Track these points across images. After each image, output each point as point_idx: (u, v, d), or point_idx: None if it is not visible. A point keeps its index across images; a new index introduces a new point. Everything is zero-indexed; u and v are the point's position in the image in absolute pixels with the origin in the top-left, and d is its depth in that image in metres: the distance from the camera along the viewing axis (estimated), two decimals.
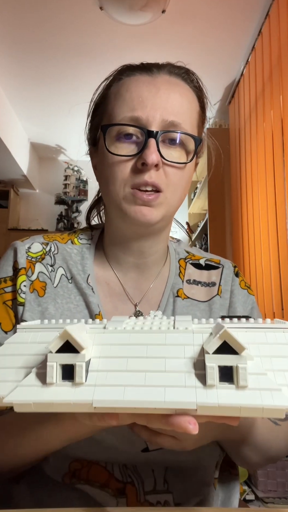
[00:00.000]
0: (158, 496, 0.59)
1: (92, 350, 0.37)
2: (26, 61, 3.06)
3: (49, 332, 0.40)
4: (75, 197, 4.72)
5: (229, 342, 0.33)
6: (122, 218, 0.63)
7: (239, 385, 0.33)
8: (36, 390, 0.34)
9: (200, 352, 0.36)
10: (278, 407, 0.31)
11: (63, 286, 0.66)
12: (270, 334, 0.38)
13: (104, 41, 2.76)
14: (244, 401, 0.32)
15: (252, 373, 0.33)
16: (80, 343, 0.34)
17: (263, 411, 0.32)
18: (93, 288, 0.66)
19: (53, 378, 0.34)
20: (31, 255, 0.67)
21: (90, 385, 0.34)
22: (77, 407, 0.33)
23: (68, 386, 0.34)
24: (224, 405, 0.32)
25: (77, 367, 0.34)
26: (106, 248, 0.71)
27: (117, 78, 0.66)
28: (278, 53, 2.25)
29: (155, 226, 0.63)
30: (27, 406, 0.34)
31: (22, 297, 0.64)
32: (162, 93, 0.61)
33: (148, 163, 0.58)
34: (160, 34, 2.65)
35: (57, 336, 0.34)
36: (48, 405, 0.34)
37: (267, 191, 2.38)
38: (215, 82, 3.18)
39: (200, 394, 0.33)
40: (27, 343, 0.39)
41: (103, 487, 0.58)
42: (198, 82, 0.67)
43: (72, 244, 0.71)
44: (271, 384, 0.33)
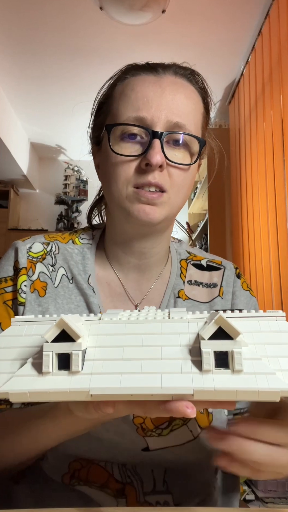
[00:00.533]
0: (158, 496, 0.59)
1: (88, 340, 0.37)
2: (26, 61, 3.06)
3: (43, 324, 0.40)
4: (75, 197, 4.72)
5: (224, 327, 0.34)
6: (125, 217, 0.63)
7: (235, 369, 0.33)
8: (32, 379, 0.35)
9: (196, 340, 0.36)
10: (273, 390, 0.32)
11: (64, 286, 0.66)
12: (263, 323, 0.38)
13: (104, 41, 2.76)
14: (239, 385, 0.33)
15: (247, 358, 0.34)
16: (76, 331, 0.34)
17: (259, 394, 0.32)
18: (94, 288, 0.66)
19: (49, 367, 0.34)
20: (32, 255, 0.67)
21: (86, 373, 0.34)
22: (73, 395, 0.34)
23: (65, 375, 0.35)
24: (220, 389, 0.32)
25: (73, 355, 0.34)
26: (107, 248, 0.71)
27: (122, 78, 0.65)
28: (278, 53, 2.25)
29: (157, 226, 0.62)
30: (23, 395, 0.34)
31: (22, 297, 0.64)
32: (168, 93, 0.61)
33: (152, 164, 0.58)
34: (160, 34, 2.65)
35: (53, 325, 0.35)
36: (44, 394, 0.34)
37: (267, 191, 2.38)
38: (215, 82, 3.17)
39: (196, 379, 0.33)
40: (21, 336, 0.39)
41: (102, 487, 0.58)
42: (203, 84, 0.67)
43: (73, 244, 0.71)
44: (266, 368, 0.34)
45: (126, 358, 0.35)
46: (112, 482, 0.58)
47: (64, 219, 4.74)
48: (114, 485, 0.58)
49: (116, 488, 0.58)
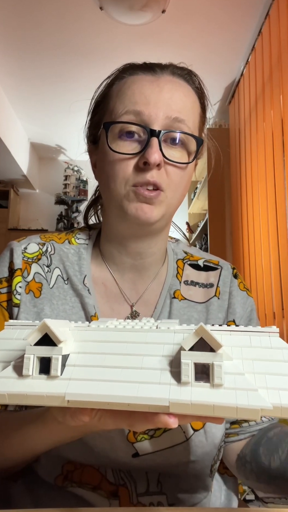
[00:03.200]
0: (151, 498, 0.58)
1: (72, 346, 0.37)
2: (26, 61, 3.06)
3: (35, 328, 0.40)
4: (75, 197, 4.72)
5: (206, 338, 0.33)
6: (122, 216, 0.62)
7: (214, 383, 0.32)
8: (12, 382, 0.35)
9: (179, 351, 0.35)
10: (253, 408, 0.31)
11: (59, 287, 0.66)
12: (254, 338, 0.37)
13: (104, 41, 2.76)
14: (217, 399, 0.31)
15: (229, 373, 0.33)
16: (58, 336, 0.34)
17: (237, 411, 0.31)
18: (89, 289, 0.65)
19: (29, 370, 0.35)
20: (27, 255, 0.67)
21: (65, 378, 0.34)
22: (50, 400, 0.34)
23: (43, 379, 0.35)
24: (197, 402, 0.31)
25: (53, 359, 0.34)
26: (103, 248, 0.70)
27: (119, 77, 0.65)
28: (278, 53, 2.25)
29: (154, 225, 0.62)
30: (2, 397, 0.34)
31: (17, 298, 0.64)
32: (166, 92, 0.61)
33: (150, 163, 0.57)
34: (160, 34, 2.65)
35: (36, 329, 0.35)
36: (22, 397, 0.34)
37: (267, 191, 2.38)
38: (215, 82, 3.17)
39: (173, 391, 0.32)
40: (12, 339, 0.40)
41: (95, 489, 0.58)
42: (200, 84, 0.67)
43: (69, 244, 0.70)
44: (248, 384, 0.32)
45: (107, 365, 0.35)
46: (105, 484, 0.58)
47: (64, 219, 4.74)
48: (107, 486, 0.58)
49: (110, 489, 0.58)
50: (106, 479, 0.58)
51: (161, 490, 0.59)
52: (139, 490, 0.58)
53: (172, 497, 0.59)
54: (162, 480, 0.59)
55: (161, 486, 0.59)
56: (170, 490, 0.59)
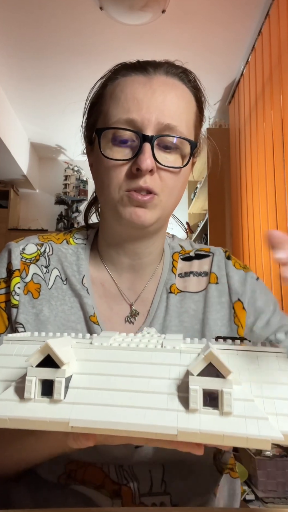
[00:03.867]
0: (154, 498, 0.58)
1: (75, 366, 0.36)
2: (26, 61, 3.06)
3: (35, 345, 0.39)
4: (75, 197, 4.72)
5: (215, 364, 0.31)
6: (117, 220, 0.62)
7: (223, 411, 0.31)
8: (13, 405, 0.33)
9: (186, 374, 0.34)
10: (263, 438, 0.30)
11: (57, 288, 0.66)
12: (262, 359, 0.36)
13: (104, 41, 2.76)
14: (227, 429, 0.30)
15: (239, 399, 0.32)
16: (61, 357, 0.33)
17: (248, 441, 0.30)
18: (88, 289, 0.66)
19: (31, 393, 0.33)
20: (26, 256, 0.67)
21: (68, 402, 0.33)
22: (53, 425, 0.32)
23: (46, 402, 0.33)
24: (206, 432, 0.30)
25: (56, 383, 0.33)
26: (100, 248, 0.71)
27: (112, 78, 0.65)
28: (278, 53, 2.25)
29: (149, 228, 0.62)
30: (3, 421, 0.33)
31: (16, 299, 0.64)
32: (158, 95, 0.60)
33: (142, 169, 0.57)
34: (160, 34, 2.65)
35: (38, 350, 0.33)
36: (24, 422, 0.33)
37: (267, 191, 2.38)
38: (215, 82, 3.17)
39: (181, 418, 0.31)
40: (11, 356, 0.38)
41: (98, 488, 0.58)
42: (196, 82, 0.66)
43: (68, 244, 0.70)
44: (257, 412, 0.31)
45: (112, 388, 0.34)
46: (108, 483, 0.58)
47: (64, 219, 4.74)
48: (110, 486, 0.58)
49: (112, 489, 0.58)
50: (109, 478, 0.58)
51: (165, 490, 0.59)
52: (142, 490, 0.58)
53: (176, 497, 0.59)
54: (166, 479, 0.59)
55: (165, 485, 0.59)
56: (174, 490, 0.59)
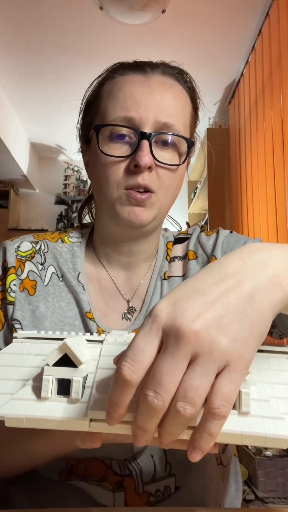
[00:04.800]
0: (157, 484, 0.58)
1: (90, 365, 0.35)
2: (26, 61, 3.06)
3: (45, 343, 0.39)
4: (75, 197, 4.72)
5: None
6: (114, 219, 0.63)
7: (241, 411, 0.31)
8: (30, 404, 0.33)
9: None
10: (281, 437, 0.30)
11: (54, 285, 0.66)
12: (273, 359, 0.36)
13: (104, 41, 2.76)
14: (245, 428, 0.30)
15: (255, 399, 0.32)
16: (79, 357, 0.33)
17: (265, 440, 0.30)
18: (84, 285, 0.66)
19: (48, 392, 0.33)
20: (21, 254, 0.68)
21: (86, 402, 0.33)
22: (71, 424, 0.32)
23: (64, 401, 0.33)
24: (225, 431, 0.30)
25: (74, 382, 0.33)
26: (96, 246, 0.71)
27: (110, 77, 0.66)
28: (278, 53, 2.25)
29: (146, 227, 0.63)
30: (19, 421, 0.32)
31: (12, 296, 0.64)
32: (156, 94, 0.61)
33: (141, 165, 0.58)
34: (160, 34, 2.65)
35: (56, 349, 0.33)
36: (41, 421, 0.32)
37: (267, 191, 2.38)
38: (215, 82, 3.17)
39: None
40: (22, 354, 0.38)
41: (100, 481, 0.58)
42: (191, 83, 0.68)
43: (63, 243, 0.71)
44: (274, 412, 0.31)
45: None
46: (111, 475, 0.58)
47: (64, 219, 4.74)
48: (113, 478, 0.58)
49: (115, 481, 0.58)
50: (112, 470, 0.58)
51: (170, 472, 0.58)
52: (145, 478, 0.58)
53: (181, 478, 0.59)
54: (170, 461, 0.59)
55: (170, 467, 0.59)
56: (180, 470, 0.59)
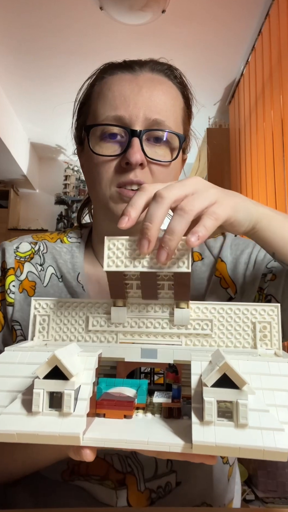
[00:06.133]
0: (159, 480, 0.58)
1: (83, 375, 0.34)
2: (26, 61, 3.06)
3: (38, 352, 0.38)
4: (75, 197, 4.72)
5: (230, 375, 0.31)
6: (110, 217, 0.63)
7: (239, 423, 0.30)
8: (21, 419, 0.32)
9: (198, 383, 0.33)
10: (280, 450, 0.29)
11: (53, 285, 0.66)
12: (273, 364, 0.35)
13: (104, 41, 2.76)
14: (243, 441, 0.30)
15: (254, 409, 0.31)
16: (70, 370, 0.32)
17: (264, 453, 0.29)
18: (83, 286, 0.66)
19: (39, 406, 0.32)
20: (20, 254, 0.68)
21: (78, 415, 0.32)
22: (64, 439, 0.31)
23: (55, 415, 0.32)
24: (222, 444, 0.29)
25: (65, 395, 0.32)
26: (95, 246, 0.71)
27: (99, 77, 0.66)
28: (278, 53, 2.25)
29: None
30: (10, 436, 0.32)
31: (11, 297, 0.64)
32: (145, 91, 0.61)
33: (132, 163, 0.58)
34: (160, 34, 2.65)
35: (45, 361, 0.32)
36: (33, 436, 0.31)
37: (267, 191, 2.38)
38: (215, 82, 3.17)
39: (196, 431, 0.30)
40: (14, 364, 0.37)
41: (102, 479, 0.58)
42: (182, 78, 0.67)
43: (62, 243, 0.71)
44: (273, 423, 0.30)
45: None
46: (113, 473, 0.58)
47: (64, 219, 4.74)
48: (115, 475, 0.58)
49: (117, 478, 0.58)
50: (113, 468, 0.58)
51: (172, 468, 0.58)
52: (146, 475, 0.58)
53: (182, 474, 0.59)
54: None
55: (171, 464, 0.59)
56: (181, 466, 0.59)
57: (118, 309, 0.41)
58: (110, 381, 0.38)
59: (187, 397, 0.37)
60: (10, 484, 0.62)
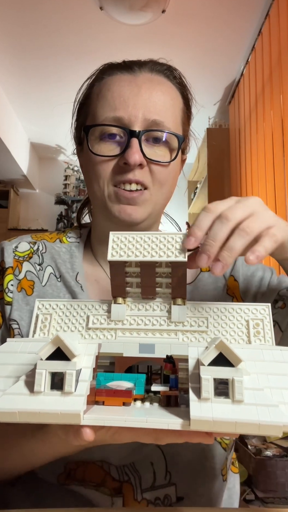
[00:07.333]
0: (157, 492, 0.58)
1: (83, 360, 0.36)
2: (26, 61, 3.06)
3: (39, 343, 0.39)
4: (75, 197, 4.72)
5: (225, 353, 0.32)
6: (108, 217, 0.63)
7: (235, 399, 0.31)
8: (23, 398, 0.33)
9: (195, 365, 0.34)
10: (275, 424, 0.30)
11: (51, 285, 0.66)
12: (267, 352, 0.37)
13: (104, 41, 2.76)
14: (239, 416, 0.31)
15: (249, 388, 0.32)
16: (72, 350, 0.33)
17: (260, 427, 0.30)
18: (82, 285, 0.66)
19: (41, 386, 0.33)
20: (18, 254, 0.68)
21: (79, 395, 0.33)
22: (65, 417, 0.32)
23: (57, 395, 0.33)
24: (219, 419, 0.31)
25: (67, 375, 0.33)
26: (93, 246, 0.71)
27: (99, 78, 0.66)
28: (278, 53, 2.25)
29: (141, 225, 0.63)
30: (12, 415, 0.32)
31: (9, 296, 0.64)
32: (144, 92, 0.61)
33: (130, 163, 0.58)
34: (160, 34, 2.65)
35: (48, 342, 0.33)
36: (34, 415, 0.32)
37: (267, 191, 2.38)
38: (215, 82, 3.17)
39: (194, 407, 0.31)
40: (16, 353, 0.38)
41: (98, 486, 0.57)
42: (181, 79, 0.67)
43: (61, 243, 0.71)
44: (268, 400, 0.32)
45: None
46: (109, 481, 0.58)
47: (64, 219, 4.74)
48: (111, 483, 0.57)
49: (113, 486, 0.57)
50: (110, 475, 0.58)
51: (170, 481, 0.58)
52: (144, 485, 0.58)
53: (182, 487, 0.58)
54: (170, 469, 0.58)
55: (170, 476, 0.58)
56: (180, 479, 0.58)
57: (118, 306, 0.43)
58: (108, 375, 0.39)
59: (184, 389, 0.38)
60: (6, 485, 0.62)
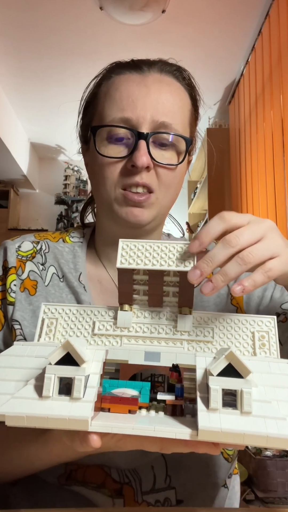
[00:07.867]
0: (157, 495, 0.58)
1: (92, 366, 0.36)
2: (26, 61, 3.06)
3: (46, 347, 0.39)
4: (75, 197, 4.72)
5: (235, 364, 0.32)
6: (113, 219, 0.62)
7: (243, 410, 0.31)
8: (31, 403, 0.33)
9: (204, 375, 0.34)
10: (284, 437, 0.30)
11: (54, 285, 0.66)
12: (273, 364, 0.37)
13: (104, 41, 2.76)
14: (248, 428, 0.31)
15: (257, 400, 0.32)
16: (82, 355, 0.33)
17: (268, 440, 0.30)
18: (85, 286, 0.66)
19: (49, 391, 0.33)
20: (21, 254, 0.67)
21: (87, 401, 0.33)
22: (72, 423, 0.32)
23: (65, 400, 0.33)
24: (227, 430, 0.31)
25: (76, 380, 0.33)
26: (97, 246, 0.71)
27: (107, 76, 0.65)
28: (278, 53, 2.25)
29: (146, 226, 0.63)
30: (20, 419, 0.32)
31: (12, 296, 0.64)
32: (153, 93, 0.60)
33: (138, 166, 0.57)
34: (160, 34, 2.65)
35: (58, 347, 0.33)
36: (42, 420, 0.32)
37: (267, 191, 2.38)
38: (215, 82, 3.17)
39: (202, 417, 0.31)
40: (23, 356, 0.38)
41: (99, 487, 0.57)
42: (190, 80, 0.66)
43: (64, 243, 0.71)
44: (276, 412, 0.32)
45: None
46: (110, 482, 0.57)
47: (64, 219, 4.74)
48: (112, 485, 0.57)
49: (114, 488, 0.57)
50: (111, 477, 0.58)
51: (170, 485, 0.58)
52: (144, 488, 0.58)
53: (182, 491, 0.58)
54: (171, 474, 0.58)
55: (170, 480, 0.58)
56: (180, 483, 0.58)
57: (125, 313, 0.42)
58: (113, 382, 0.39)
59: (189, 399, 0.38)
60: (6, 485, 0.62)
